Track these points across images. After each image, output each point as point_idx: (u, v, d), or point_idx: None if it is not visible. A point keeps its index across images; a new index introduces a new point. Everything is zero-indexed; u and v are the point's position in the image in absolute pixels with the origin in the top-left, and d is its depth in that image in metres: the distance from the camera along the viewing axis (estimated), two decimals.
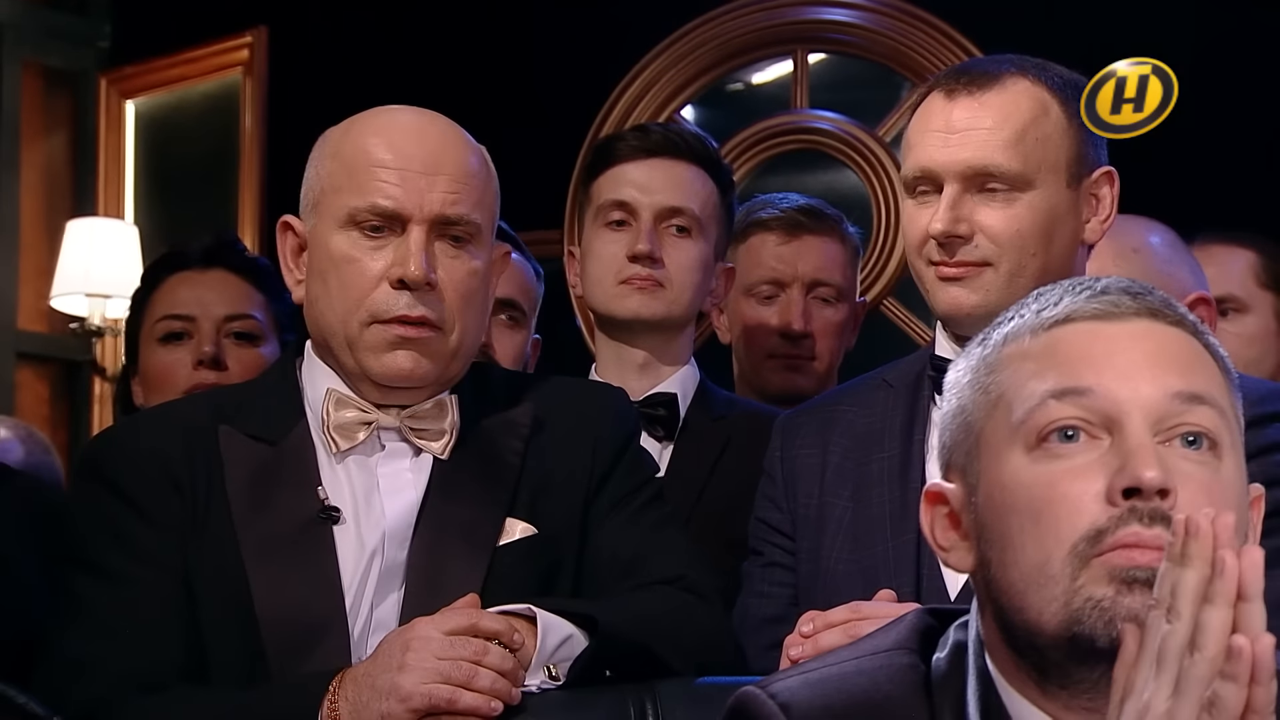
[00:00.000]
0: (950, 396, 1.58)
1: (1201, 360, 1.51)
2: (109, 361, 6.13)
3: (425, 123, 2.24)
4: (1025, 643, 1.47)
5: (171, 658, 2.08)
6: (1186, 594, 1.33)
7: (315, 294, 2.20)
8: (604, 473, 2.24)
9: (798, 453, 2.36)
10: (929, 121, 2.25)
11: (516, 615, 2.03)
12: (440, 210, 2.16)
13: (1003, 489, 1.48)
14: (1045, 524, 1.44)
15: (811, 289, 3.22)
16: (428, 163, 2.17)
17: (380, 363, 2.15)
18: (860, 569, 2.24)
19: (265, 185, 5.93)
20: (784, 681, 1.56)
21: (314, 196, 2.22)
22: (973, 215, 2.21)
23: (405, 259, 2.14)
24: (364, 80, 5.34)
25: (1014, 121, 2.21)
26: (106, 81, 6.35)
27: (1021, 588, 1.45)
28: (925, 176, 2.25)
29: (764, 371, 3.25)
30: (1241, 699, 1.32)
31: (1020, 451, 1.48)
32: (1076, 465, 1.45)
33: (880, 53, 5.23)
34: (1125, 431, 1.44)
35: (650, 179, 2.84)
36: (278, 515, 2.13)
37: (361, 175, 2.17)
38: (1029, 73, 2.25)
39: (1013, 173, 2.20)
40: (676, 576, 2.18)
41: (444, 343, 2.17)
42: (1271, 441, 2.09)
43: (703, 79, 5.41)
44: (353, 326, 2.16)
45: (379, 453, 2.19)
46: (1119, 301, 1.50)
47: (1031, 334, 1.52)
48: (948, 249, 2.22)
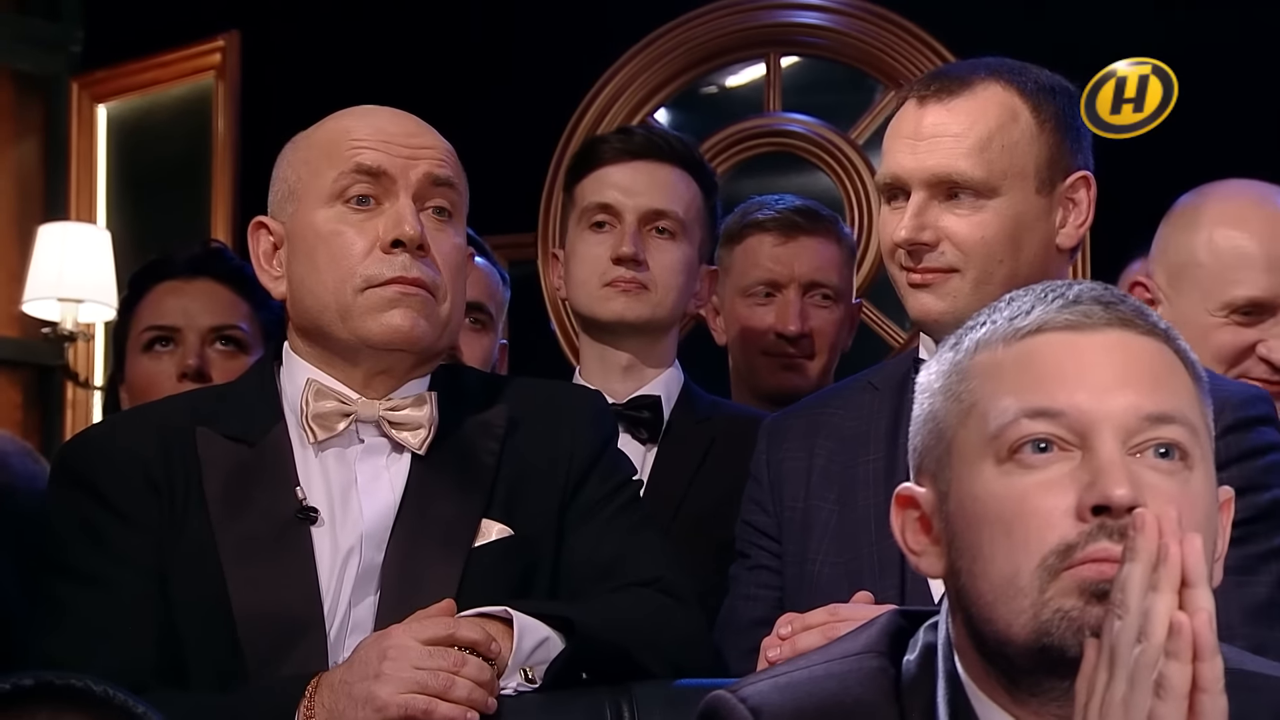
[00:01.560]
0: (922, 400, 1.58)
1: (1173, 371, 1.51)
2: (81, 366, 6.11)
3: (399, 112, 2.26)
4: (995, 651, 1.48)
5: (149, 660, 2.08)
6: (1133, 586, 1.35)
7: (301, 275, 2.19)
8: (580, 475, 2.24)
9: (784, 456, 2.37)
10: (901, 127, 2.26)
11: (492, 617, 2.03)
12: (430, 170, 2.18)
13: (974, 500, 1.48)
14: (1016, 537, 1.44)
15: (808, 290, 3.23)
16: (409, 138, 2.20)
17: (379, 322, 2.14)
18: (846, 572, 2.24)
19: (238, 189, 5.92)
20: (755, 685, 1.57)
21: (288, 188, 2.22)
22: (938, 222, 2.22)
23: (399, 220, 2.14)
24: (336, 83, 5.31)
25: (979, 129, 2.21)
26: (78, 86, 6.33)
27: (991, 599, 1.46)
28: (895, 183, 2.26)
29: (760, 372, 3.26)
30: (1186, 676, 1.33)
31: (992, 463, 1.48)
32: (1047, 479, 1.45)
33: (852, 56, 5.25)
34: (1095, 447, 1.45)
35: (634, 181, 2.85)
36: (255, 516, 2.13)
37: (342, 148, 2.18)
38: (1002, 77, 2.25)
39: (977, 180, 2.20)
40: (653, 579, 2.18)
41: (437, 308, 2.17)
42: (1253, 446, 2.10)
43: (676, 82, 5.42)
44: (346, 295, 2.15)
45: (357, 446, 2.19)
46: (1091, 312, 1.50)
47: (1004, 343, 1.52)
48: (914, 256, 2.23)
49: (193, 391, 2.63)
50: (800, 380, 3.22)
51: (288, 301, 2.23)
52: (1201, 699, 1.33)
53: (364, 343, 2.16)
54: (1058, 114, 2.25)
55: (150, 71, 6.19)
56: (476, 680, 1.95)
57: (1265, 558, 2.05)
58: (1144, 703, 1.33)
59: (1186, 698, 1.33)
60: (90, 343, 6.11)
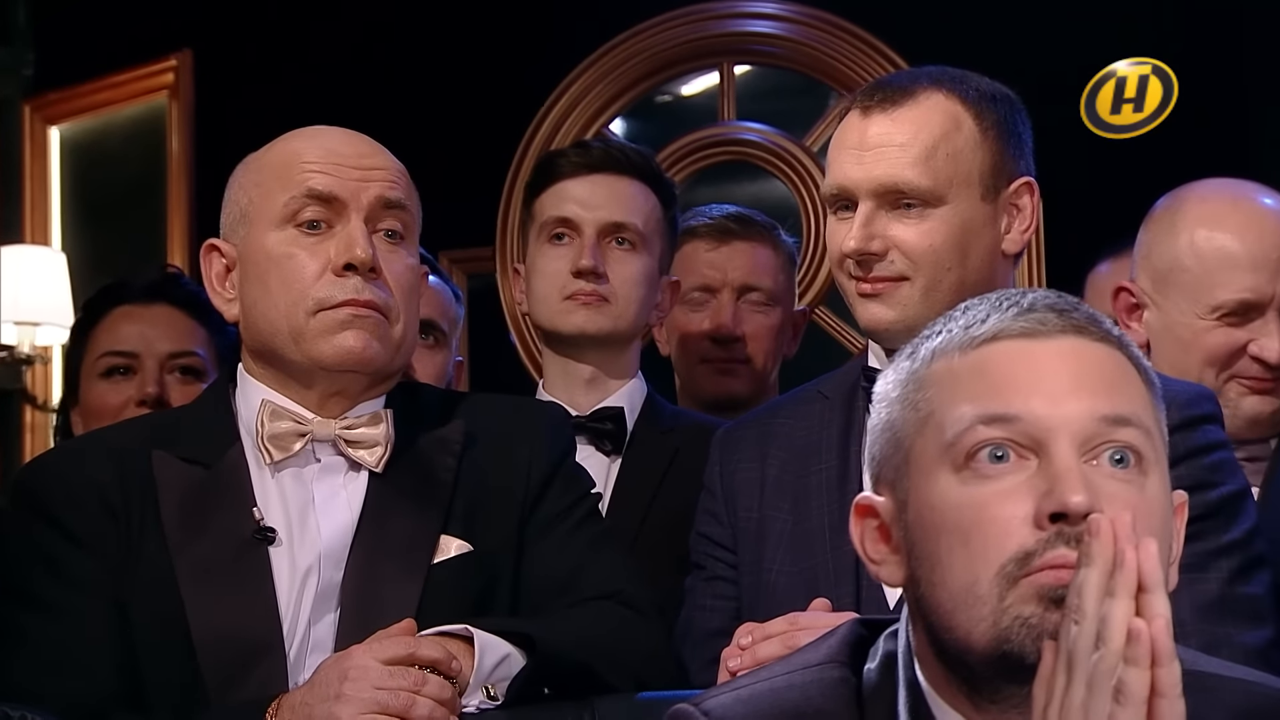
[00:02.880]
0: (880, 409, 1.59)
1: (1126, 377, 1.52)
2: (40, 389, 6.07)
3: (350, 133, 2.26)
4: (955, 658, 1.49)
5: (109, 686, 2.07)
6: (1089, 592, 1.36)
7: (253, 298, 2.20)
8: (539, 489, 2.24)
9: (737, 467, 2.37)
10: (845, 138, 2.28)
11: (453, 635, 2.04)
12: (381, 194, 2.19)
13: (931, 509, 1.49)
14: (974, 546, 1.45)
15: (742, 293, 3.24)
16: (360, 160, 2.20)
17: (331, 344, 2.15)
18: (802, 580, 2.24)
19: (193, 209, 5.88)
20: (717, 698, 1.57)
21: (239, 210, 2.23)
22: (886, 231, 2.24)
23: (350, 244, 2.15)
24: (289, 101, 5.31)
25: (924, 138, 2.23)
26: (30, 108, 6.28)
27: (950, 607, 1.47)
28: (841, 194, 2.27)
29: (698, 378, 3.27)
30: (1145, 682, 1.34)
31: (949, 471, 1.48)
32: (1004, 488, 1.46)
33: (805, 64, 5.26)
34: (1052, 454, 1.46)
35: (592, 194, 2.86)
36: (212, 538, 2.12)
37: (293, 172, 2.18)
38: (944, 86, 2.27)
39: (923, 189, 2.22)
40: (613, 592, 2.19)
41: (389, 330, 2.18)
42: (1199, 444, 2.11)
43: (631, 93, 5.43)
44: (298, 318, 2.16)
45: (314, 466, 2.19)
46: (1045, 319, 1.51)
47: (960, 351, 1.53)
48: (863, 266, 2.25)
49: (148, 415, 2.62)
50: (737, 385, 3.23)
51: (240, 324, 2.23)
52: (1160, 704, 1.34)
53: (317, 365, 2.17)
54: (999, 121, 2.27)
55: (103, 92, 6.16)
56: (438, 699, 1.95)
57: (1215, 554, 2.06)
58: (1103, 708, 1.34)
59: (1145, 703, 1.34)
60: (48, 366, 6.06)
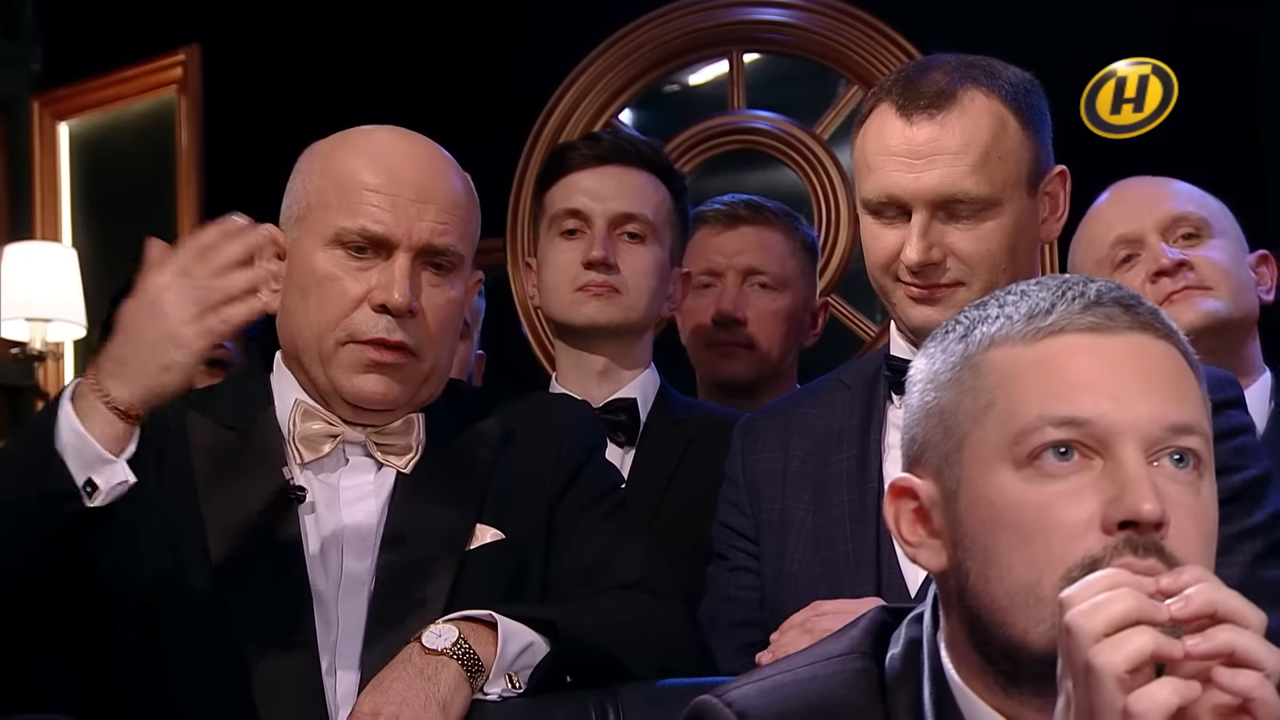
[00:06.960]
0: (924, 389, 1.55)
1: (1187, 377, 1.50)
2: (52, 385, 6.07)
3: (415, 147, 2.26)
4: (1002, 653, 1.46)
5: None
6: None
7: (292, 307, 2.21)
8: (567, 480, 2.26)
9: (759, 457, 2.37)
10: (887, 142, 2.22)
11: (478, 621, 2.04)
12: (428, 240, 2.19)
13: (989, 504, 1.46)
14: (1037, 546, 1.43)
15: (747, 276, 3.23)
16: (419, 190, 2.20)
17: (351, 384, 2.18)
18: (823, 570, 2.24)
19: (203, 202, 5.88)
20: (740, 689, 1.56)
21: (299, 210, 2.23)
22: (943, 239, 2.20)
23: (390, 285, 2.16)
24: (299, 95, 5.32)
25: (978, 144, 2.19)
26: (39, 104, 6.30)
27: (1006, 604, 1.45)
28: (892, 202, 2.22)
29: (704, 361, 3.27)
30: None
31: (1010, 467, 1.46)
32: (1069, 488, 1.43)
33: (815, 51, 5.25)
34: (1119, 458, 1.43)
35: (602, 186, 2.87)
36: (243, 496, 2.15)
37: (352, 196, 2.18)
38: (981, 84, 2.22)
39: (982, 197, 2.19)
40: (636, 580, 2.20)
41: (417, 368, 2.20)
42: (1224, 429, 2.10)
43: (640, 82, 5.42)
44: (328, 343, 2.18)
45: (342, 467, 2.22)
46: (1112, 314, 1.48)
47: (1024, 341, 1.49)
48: (921, 274, 2.22)
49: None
50: (738, 368, 3.22)
51: (277, 319, 2.25)
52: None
53: (337, 393, 2.20)
54: (1034, 112, 2.25)
55: (111, 88, 6.16)
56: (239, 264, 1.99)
57: (1240, 538, 2.05)
58: None
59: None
60: (60, 361, 6.08)
